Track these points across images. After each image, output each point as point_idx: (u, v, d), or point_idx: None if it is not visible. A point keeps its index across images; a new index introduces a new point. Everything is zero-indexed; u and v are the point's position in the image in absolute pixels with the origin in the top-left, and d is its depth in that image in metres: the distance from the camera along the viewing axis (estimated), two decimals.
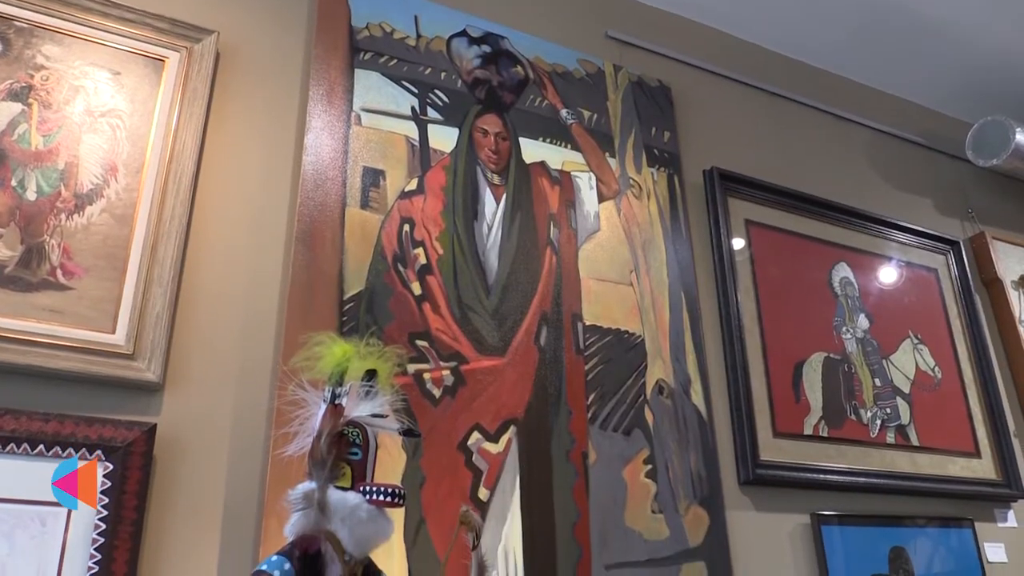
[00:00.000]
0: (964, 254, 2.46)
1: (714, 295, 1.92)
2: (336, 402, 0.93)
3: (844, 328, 2.10)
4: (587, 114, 1.90)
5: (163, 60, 1.43)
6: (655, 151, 1.97)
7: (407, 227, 1.54)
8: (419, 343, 1.46)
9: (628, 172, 1.89)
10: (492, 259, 1.60)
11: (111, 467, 1.14)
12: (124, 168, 1.33)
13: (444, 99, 1.71)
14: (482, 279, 1.57)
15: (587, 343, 1.64)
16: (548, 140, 1.81)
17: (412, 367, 1.43)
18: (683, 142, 2.06)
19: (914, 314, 2.27)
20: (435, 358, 1.46)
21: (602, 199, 1.82)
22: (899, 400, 2.10)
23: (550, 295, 1.64)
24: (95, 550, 1.09)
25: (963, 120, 2.86)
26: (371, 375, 0.96)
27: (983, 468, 2.15)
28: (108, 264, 1.26)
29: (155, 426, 1.19)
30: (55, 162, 1.28)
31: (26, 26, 1.34)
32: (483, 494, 1.40)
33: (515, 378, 1.52)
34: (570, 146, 1.84)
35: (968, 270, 2.44)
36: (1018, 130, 2.50)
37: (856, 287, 2.18)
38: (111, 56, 1.40)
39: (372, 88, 1.63)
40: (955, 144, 2.72)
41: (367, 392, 0.95)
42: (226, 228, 1.41)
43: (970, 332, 2.35)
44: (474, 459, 1.42)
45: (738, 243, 2.01)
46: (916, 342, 2.22)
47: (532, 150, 1.77)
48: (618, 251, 1.78)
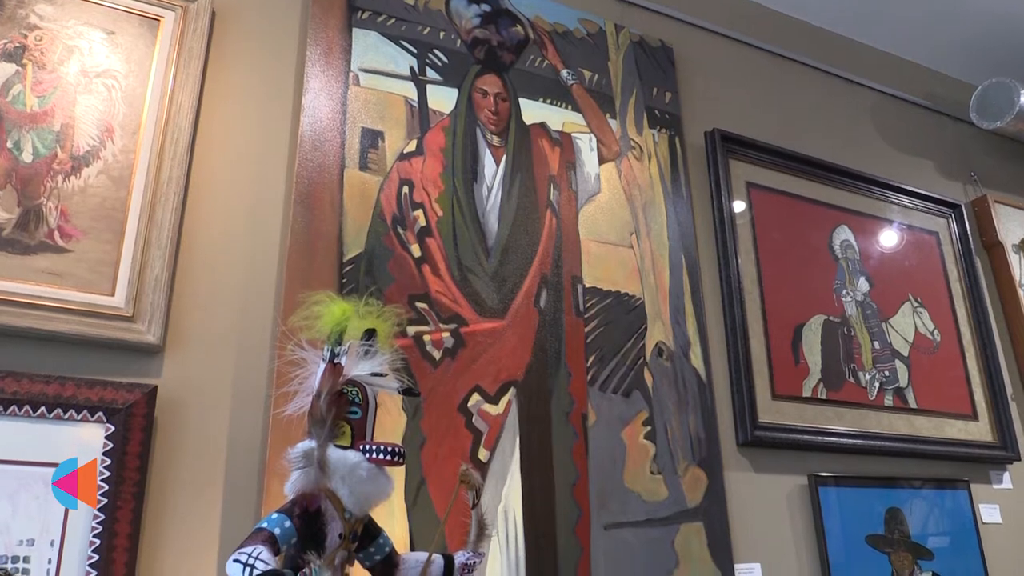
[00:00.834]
0: (966, 217, 2.45)
1: (714, 257, 1.91)
2: (335, 361, 0.93)
3: (844, 291, 2.10)
4: (588, 75, 1.88)
5: (158, 19, 1.41)
6: (656, 112, 1.95)
7: (406, 189, 1.53)
8: (419, 305, 1.45)
9: (629, 133, 1.87)
10: (492, 221, 1.60)
11: (112, 429, 1.14)
12: (120, 129, 1.32)
13: (443, 59, 1.69)
14: (482, 241, 1.57)
15: (587, 305, 1.64)
16: (548, 101, 1.79)
17: (412, 329, 1.43)
18: (684, 103, 2.04)
19: (914, 277, 2.27)
20: (435, 320, 1.46)
21: (603, 161, 1.81)
22: (898, 363, 2.10)
23: (550, 257, 1.63)
24: (98, 511, 1.11)
25: (967, 82, 2.83)
26: (370, 334, 0.96)
27: (980, 431, 2.17)
28: (106, 226, 1.25)
29: (156, 388, 1.20)
30: (51, 123, 1.27)
31: None
32: (483, 455, 1.41)
33: (515, 340, 1.53)
34: (570, 107, 1.82)
35: (969, 233, 2.43)
36: (1023, 92, 2.47)
37: (857, 250, 2.18)
38: (105, 15, 1.37)
39: (370, 48, 1.60)
40: (959, 106, 2.70)
41: (366, 351, 0.95)
42: (224, 190, 1.40)
43: (970, 295, 2.35)
44: (474, 420, 1.43)
45: (739, 205, 2.00)
46: (916, 305, 2.22)
47: (532, 111, 1.76)
48: (618, 213, 1.77)
